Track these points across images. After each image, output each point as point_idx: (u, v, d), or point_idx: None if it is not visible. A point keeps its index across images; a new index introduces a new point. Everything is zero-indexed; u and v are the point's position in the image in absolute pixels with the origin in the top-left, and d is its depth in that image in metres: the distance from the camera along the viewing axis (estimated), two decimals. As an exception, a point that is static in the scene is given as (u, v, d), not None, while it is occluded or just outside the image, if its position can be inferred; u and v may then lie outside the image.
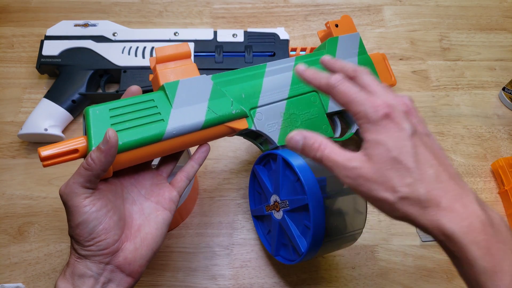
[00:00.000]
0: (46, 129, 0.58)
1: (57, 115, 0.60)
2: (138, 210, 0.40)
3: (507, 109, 0.67)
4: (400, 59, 0.71)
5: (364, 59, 0.59)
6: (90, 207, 0.35)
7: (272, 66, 0.51)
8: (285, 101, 0.50)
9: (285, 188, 0.45)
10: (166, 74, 0.44)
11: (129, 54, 0.64)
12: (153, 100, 0.41)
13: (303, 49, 0.68)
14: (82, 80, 0.62)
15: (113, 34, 0.65)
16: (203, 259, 0.55)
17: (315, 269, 0.55)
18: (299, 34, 0.73)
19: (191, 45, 0.65)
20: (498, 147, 0.64)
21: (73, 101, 0.61)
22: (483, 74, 0.70)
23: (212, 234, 0.56)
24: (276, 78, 0.51)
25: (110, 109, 0.39)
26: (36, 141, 0.61)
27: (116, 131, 0.37)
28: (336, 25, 0.60)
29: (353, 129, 0.57)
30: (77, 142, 0.37)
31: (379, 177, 0.31)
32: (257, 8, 0.75)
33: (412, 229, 0.57)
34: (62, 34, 0.65)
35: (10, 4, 0.74)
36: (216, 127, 0.44)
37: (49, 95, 0.61)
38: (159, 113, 0.41)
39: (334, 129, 0.57)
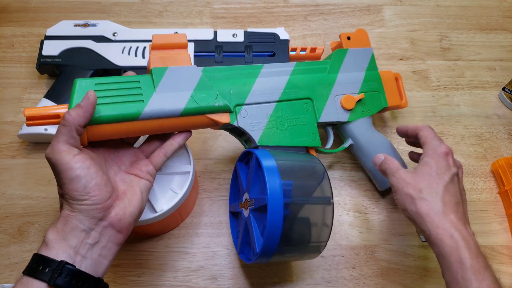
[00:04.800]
0: (46, 129, 0.58)
1: (57, 115, 0.60)
2: (120, 179, 0.42)
3: (507, 109, 0.67)
4: (400, 59, 0.71)
5: (372, 75, 0.58)
6: (81, 163, 0.36)
7: (269, 68, 0.52)
8: (275, 104, 0.50)
9: (255, 187, 0.46)
10: (157, 60, 0.45)
11: (129, 54, 0.64)
12: (138, 81, 0.44)
13: (303, 49, 0.68)
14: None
15: (113, 34, 0.65)
16: (203, 259, 0.55)
17: (315, 269, 0.55)
18: (299, 34, 0.73)
19: (191, 45, 0.65)
20: (498, 147, 0.64)
21: (73, 101, 0.61)
22: (483, 74, 0.70)
23: (212, 234, 0.56)
24: (270, 80, 0.51)
25: (96, 84, 0.42)
26: (36, 141, 0.61)
27: (97, 104, 0.40)
28: (348, 38, 0.59)
29: (347, 143, 0.57)
30: (60, 108, 0.40)
31: (413, 181, 0.44)
32: (257, 8, 0.75)
33: (412, 229, 0.57)
34: (62, 34, 0.65)
35: (10, 4, 0.74)
36: (196, 116, 0.45)
37: (49, 95, 0.61)
38: (141, 94, 0.43)
39: (327, 139, 0.57)
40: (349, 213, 0.59)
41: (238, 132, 0.51)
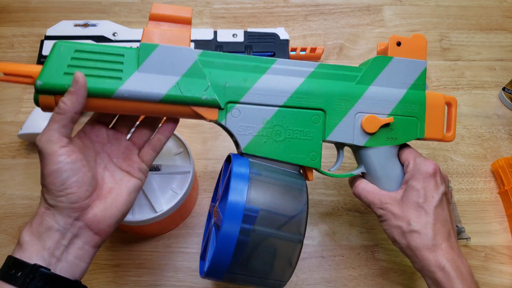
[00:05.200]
0: (46, 129, 0.58)
1: (57, 115, 0.60)
2: (109, 175, 0.40)
3: (507, 109, 0.67)
4: (400, 59, 0.71)
5: (415, 95, 0.45)
6: (65, 157, 0.35)
7: (282, 65, 0.43)
8: (276, 109, 0.42)
9: (225, 199, 0.41)
10: (152, 34, 0.40)
11: (129, 54, 0.64)
12: (123, 55, 0.39)
13: (303, 49, 0.68)
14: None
15: (113, 34, 0.65)
16: (203, 259, 0.55)
17: (315, 269, 0.55)
18: (299, 34, 0.73)
19: (191, 45, 0.65)
20: (498, 147, 0.64)
21: (73, 101, 0.61)
22: (483, 74, 0.70)
23: (212, 234, 0.56)
24: (279, 79, 0.42)
25: (75, 50, 0.38)
26: (36, 141, 0.61)
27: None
28: (398, 43, 0.46)
29: (357, 171, 0.46)
30: (33, 68, 0.37)
31: (401, 212, 0.42)
32: (257, 8, 0.75)
33: (412, 229, 0.57)
34: (62, 34, 0.65)
35: (10, 4, 0.74)
36: (178, 106, 0.40)
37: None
38: (121, 70, 0.38)
39: (336, 161, 0.48)
40: (349, 213, 0.58)
41: (228, 131, 0.44)
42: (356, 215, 0.58)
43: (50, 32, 0.65)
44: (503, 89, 0.67)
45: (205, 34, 0.66)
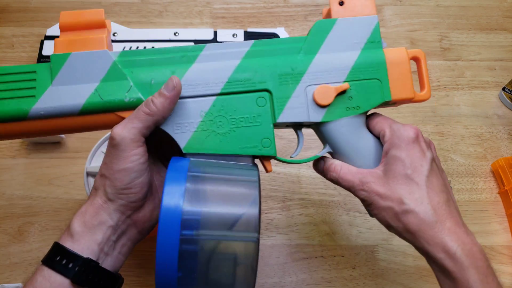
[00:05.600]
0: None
1: (57, 115, 0.60)
2: (158, 175, 0.40)
3: (507, 109, 0.67)
4: (400, 59, 0.71)
5: (372, 56, 0.40)
6: (138, 157, 0.34)
7: (212, 50, 0.39)
8: (214, 98, 0.37)
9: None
10: (63, 43, 0.37)
11: (129, 54, 0.64)
12: (35, 72, 0.36)
13: (303, 49, 0.67)
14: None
15: (113, 34, 0.65)
16: (203, 259, 0.55)
17: (315, 269, 0.55)
18: (299, 34, 0.73)
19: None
20: (498, 147, 0.64)
21: (73, 101, 0.61)
22: (483, 74, 0.70)
23: (212, 234, 0.56)
24: (212, 65, 0.38)
25: None
26: (36, 141, 0.61)
27: None
28: (341, 3, 0.41)
29: (322, 152, 0.40)
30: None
31: (388, 190, 0.35)
32: (257, 8, 0.75)
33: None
34: (62, 34, 0.65)
35: (10, 4, 0.74)
36: (101, 115, 0.37)
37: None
38: (35, 87, 0.36)
39: (297, 145, 0.42)
40: (349, 213, 0.58)
41: (164, 133, 0.39)
42: (356, 215, 0.58)
43: (50, 32, 0.65)
44: (503, 89, 0.67)
45: (205, 34, 0.66)
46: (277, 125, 0.39)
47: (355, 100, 0.39)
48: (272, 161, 0.40)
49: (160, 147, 0.41)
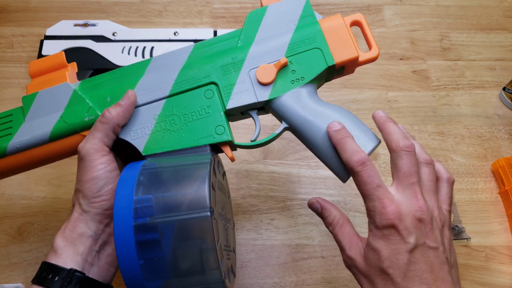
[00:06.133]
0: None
1: (56, 115, 0.60)
2: None
3: (508, 109, 0.67)
4: (401, 58, 0.71)
5: (306, 32, 0.42)
6: (105, 165, 0.37)
7: (159, 61, 0.43)
8: (163, 101, 0.41)
9: None
10: (34, 86, 0.43)
11: (129, 54, 0.64)
12: (11, 115, 0.42)
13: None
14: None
15: (113, 34, 0.65)
16: (203, 259, 0.55)
17: (315, 269, 0.55)
18: (299, 34, 0.73)
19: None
20: (498, 147, 0.64)
21: (73, 101, 0.61)
22: (483, 74, 0.70)
23: (212, 234, 0.56)
24: (159, 73, 0.42)
25: None
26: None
27: None
28: None
29: (280, 128, 0.42)
30: None
31: (368, 276, 0.34)
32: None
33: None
34: (61, 34, 0.65)
35: (10, 4, 0.74)
36: (69, 138, 0.41)
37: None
38: (11, 127, 0.41)
39: (255, 129, 0.43)
40: (349, 213, 0.58)
41: (124, 142, 0.41)
42: (356, 215, 0.58)
43: (50, 32, 0.65)
44: (504, 89, 0.67)
45: (205, 34, 0.66)
46: (231, 113, 0.41)
47: (299, 72, 0.41)
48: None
49: (133, 157, 0.42)
